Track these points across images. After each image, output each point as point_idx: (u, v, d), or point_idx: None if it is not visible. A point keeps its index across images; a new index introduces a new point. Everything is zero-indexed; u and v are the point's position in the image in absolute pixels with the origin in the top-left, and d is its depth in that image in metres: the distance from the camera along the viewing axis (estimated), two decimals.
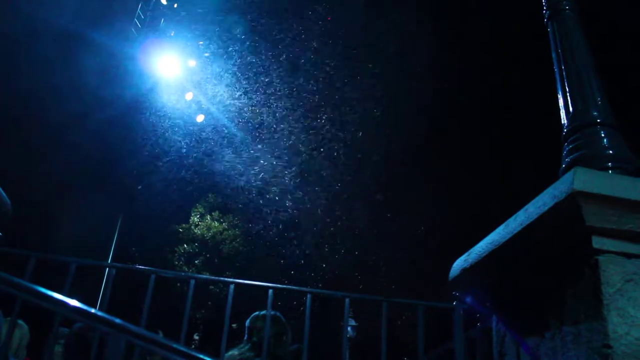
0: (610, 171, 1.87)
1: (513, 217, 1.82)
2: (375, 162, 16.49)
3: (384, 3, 15.93)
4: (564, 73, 2.28)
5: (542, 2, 2.51)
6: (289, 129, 16.95)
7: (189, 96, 17.13)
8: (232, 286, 2.26)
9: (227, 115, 17.49)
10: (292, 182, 17.26)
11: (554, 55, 2.38)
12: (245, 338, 3.91)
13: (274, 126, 17.13)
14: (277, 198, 17.56)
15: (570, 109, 2.18)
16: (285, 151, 17.21)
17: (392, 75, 16.05)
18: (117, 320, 1.83)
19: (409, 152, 15.86)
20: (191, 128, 17.75)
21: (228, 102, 17.19)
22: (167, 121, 17.70)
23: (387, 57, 16.09)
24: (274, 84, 16.69)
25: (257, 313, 3.88)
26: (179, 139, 17.87)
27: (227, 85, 17.08)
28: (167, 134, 17.81)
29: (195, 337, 19.34)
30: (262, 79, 16.68)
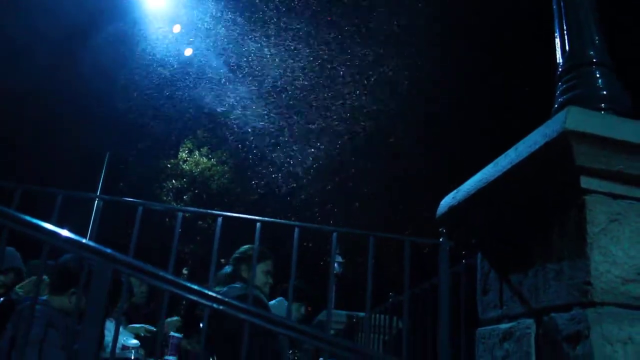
0: (603, 112, 1.86)
1: (503, 155, 1.82)
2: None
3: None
4: (562, 10, 2.22)
5: None
6: (281, 65, 16.66)
7: (176, 29, 16.63)
8: (220, 219, 2.26)
9: (216, 50, 17.11)
10: (283, 119, 17.14)
11: None
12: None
13: (266, 61, 16.81)
14: (267, 134, 17.48)
15: (566, 47, 2.14)
16: (277, 87, 16.98)
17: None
18: (108, 250, 1.84)
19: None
20: (179, 62, 17.38)
21: (218, 35, 16.78)
22: (155, 54, 17.30)
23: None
24: (267, 18, 16.27)
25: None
26: (167, 72, 17.52)
27: (216, 18, 16.61)
28: (155, 68, 17.44)
29: (184, 271, 19.69)
30: (253, 12, 16.24)
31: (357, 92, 16.44)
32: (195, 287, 1.76)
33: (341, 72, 16.43)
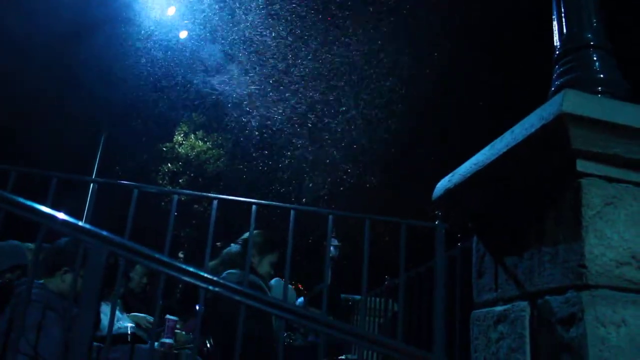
0: (600, 95, 1.85)
1: (499, 138, 1.81)
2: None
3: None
4: None
5: None
6: (279, 48, 16.54)
7: (171, 11, 16.43)
8: (215, 202, 2.26)
9: (212, 32, 16.96)
10: (279, 102, 17.06)
11: None
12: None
13: (264, 44, 16.69)
14: (264, 118, 17.40)
15: (564, 30, 2.12)
16: (275, 70, 16.87)
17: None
18: (104, 233, 1.83)
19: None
20: (174, 45, 17.23)
21: (213, 18, 16.62)
22: (149, 37, 17.14)
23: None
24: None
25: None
26: (162, 55, 17.38)
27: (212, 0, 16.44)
28: (149, 51, 17.30)
29: (180, 255, 19.71)
30: None
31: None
32: (191, 268, 1.76)
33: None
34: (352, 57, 16.27)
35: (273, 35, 16.50)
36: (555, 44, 2.16)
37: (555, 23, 2.19)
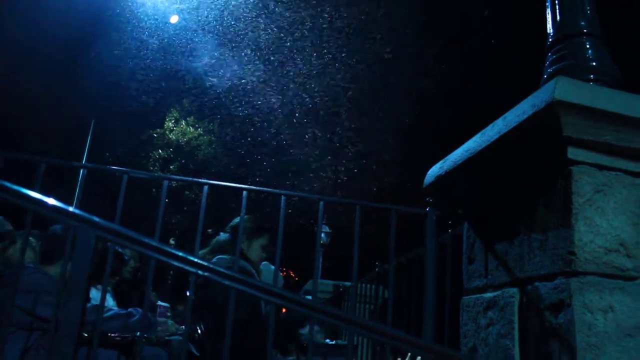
0: (591, 83, 1.85)
1: (491, 125, 1.81)
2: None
3: None
4: None
5: None
6: (273, 32, 16.43)
7: None
8: (206, 187, 2.25)
9: (203, 17, 16.80)
10: (272, 90, 16.99)
11: None
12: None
13: (254, 30, 16.56)
14: (257, 104, 17.33)
15: (557, 18, 2.12)
16: (267, 56, 16.78)
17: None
18: (94, 218, 1.81)
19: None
20: (165, 30, 17.06)
21: (205, 2, 16.46)
22: (139, 22, 16.96)
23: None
24: None
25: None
26: (153, 41, 17.21)
27: None
28: (140, 36, 17.12)
29: (172, 242, 19.64)
30: None
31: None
32: (180, 253, 1.75)
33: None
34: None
35: (268, 22, 16.38)
36: (548, 31, 2.15)
37: (548, 10, 2.18)
